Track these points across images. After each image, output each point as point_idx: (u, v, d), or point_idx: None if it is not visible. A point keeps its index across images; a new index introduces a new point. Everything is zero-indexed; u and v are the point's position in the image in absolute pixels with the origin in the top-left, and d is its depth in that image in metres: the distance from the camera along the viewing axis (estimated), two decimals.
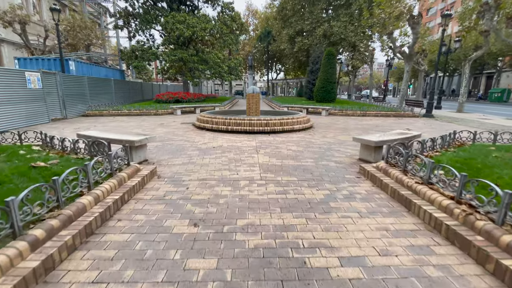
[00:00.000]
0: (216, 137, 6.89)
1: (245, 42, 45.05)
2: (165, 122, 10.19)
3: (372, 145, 4.31)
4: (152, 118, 11.63)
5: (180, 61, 17.75)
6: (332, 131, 8.26)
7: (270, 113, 10.88)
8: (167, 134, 7.45)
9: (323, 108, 13.44)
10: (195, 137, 6.86)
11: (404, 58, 16.58)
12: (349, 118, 12.38)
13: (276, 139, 6.66)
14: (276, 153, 5.22)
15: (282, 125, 7.75)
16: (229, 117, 7.83)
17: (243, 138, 6.84)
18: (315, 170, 4.15)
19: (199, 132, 7.81)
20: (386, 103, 19.31)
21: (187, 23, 16.92)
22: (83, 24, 21.63)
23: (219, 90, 53.41)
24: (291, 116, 8.16)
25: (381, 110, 13.39)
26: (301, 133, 7.66)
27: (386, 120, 11.50)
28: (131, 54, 18.14)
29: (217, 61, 18.58)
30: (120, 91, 17.65)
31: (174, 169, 4.16)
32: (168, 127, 8.91)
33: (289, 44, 31.11)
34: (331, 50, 16.98)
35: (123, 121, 10.74)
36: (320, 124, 9.76)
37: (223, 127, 7.67)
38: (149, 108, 13.22)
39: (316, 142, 6.41)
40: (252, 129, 7.48)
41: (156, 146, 5.84)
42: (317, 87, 17.29)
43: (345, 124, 10.08)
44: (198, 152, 5.26)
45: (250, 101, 8.97)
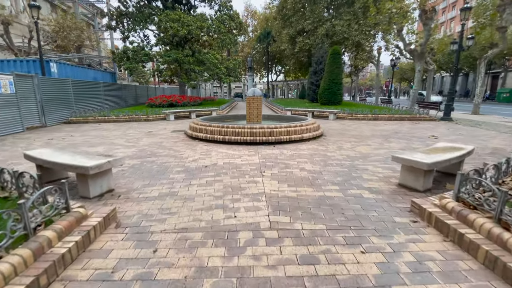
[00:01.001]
0: (210, 151, 5.66)
1: (244, 43, 44.04)
2: (154, 130, 8.97)
3: (424, 168, 3.08)
4: (141, 125, 10.42)
5: (175, 62, 16.57)
6: (347, 139, 7.03)
7: (273, 118, 9.68)
8: (151, 146, 6.23)
9: (331, 112, 12.23)
10: (185, 151, 5.63)
11: (414, 57, 15.43)
12: (360, 122, 11.17)
13: (284, 153, 5.43)
14: (287, 175, 3.99)
15: (289, 134, 6.53)
16: (226, 125, 6.61)
17: (243, 151, 5.61)
18: (346, 206, 2.92)
19: (191, 143, 6.58)
20: (394, 105, 18.13)
21: (182, 21, 15.77)
22: (73, 24, 20.51)
23: (218, 92, 52.29)
24: (299, 123, 6.95)
25: (395, 113, 12.19)
26: (312, 143, 6.44)
27: (402, 125, 10.29)
28: (123, 55, 16.97)
29: (214, 62, 17.41)
30: (110, 95, 16.45)
31: (145, 206, 2.93)
32: (155, 136, 7.69)
33: (290, 44, 29.99)
34: (336, 48, 15.82)
35: (108, 129, 9.52)
36: (331, 131, 8.54)
37: (219, 137, 6.45)
38: (139, 114, 12.01)
39: (334, 156, 5.18)
40: (254, 139, 6.26)
41: (132, 165, 4.61)
42: (321, 88, 16.11)
43: (358, 130, 8.87)
44: (185, 175, 4.03)
45: (251, 105, 7.77)
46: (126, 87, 19.54)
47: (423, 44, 14.43)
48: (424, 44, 14.41)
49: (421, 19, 13.97)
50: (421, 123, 10.92)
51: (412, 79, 53.64)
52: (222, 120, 9.37)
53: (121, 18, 18.35)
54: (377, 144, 6.40)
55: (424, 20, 13.72)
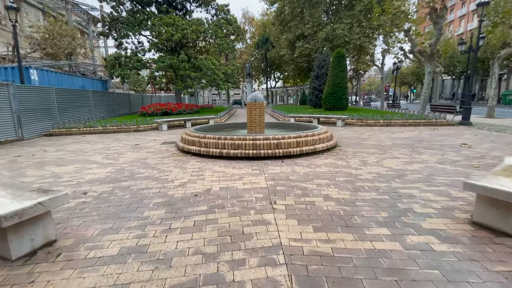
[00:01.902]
0: (203, 169, 4.54)
1: (242, 50, 43.44)
2: (142, 142, 7.86)
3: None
4: (130, 137, 9.31)
5: (170, 68, 15.62)
6: (367, 150, 5.94)
7: (277, 127, 8.60)
8: (133, 164, 5.10)
9: (338, 118, 11.18)
10: (172, 171, 4.50)
11: (424, 58, 14.51)
12: (372, 129, 10.11)
13: (296, 171, 4.32)
14: (308, 208, 2.86)
15: (299, 146, 5.43)
16: (223, 136, 5.52)
17: (245, 169, 4.50)
18: (417, 274, 1.79)
19: (181, 158, 5.46)
20: (402, 109, 17.14)
21: (176, 25, 14.90)
22: (63, 31, 19.67)
23: (217, 100, 51.47)
24: (310, 132, 5.86)
25: (408, 118, 11.14)
26: (327, 157, 5.33)
27: (421, 131, 9.22)
28: (114, 62, 16.01)
29: (211, 68, 16.45)
30: (101, 104, 15.41)
31: (90, 281, 1.79)
32: (142, 150, 6.57)
33: (289, 49, 29.27)
34: (340, 51, 14.91)
35: (91, 141, 8.41)
36: (345, 140, 7.45)
37: (216, 151, 5.35)
38: (128, 124, 10.92)
39: (361, 175, 4.07)
40: (257, 153, 5.15)
41: (99, 194, 3.48)
42: (326, 93, 15.12)
43: (375, 138, 7.78)
44: (165, 210, 2.90)
45: (252, 113, 6.69)
46: (119, 95, 18.52)
47: (434, 44, 13.53)
48: (435, 44, 13.51)
49: (431, 18, 13.11)
50: (440, 129, 9.86)
51: (412, 83, 53.12)
52: (220, 129, 8.29)
53: (114, 23, 17.49)
54: (406, 157, 5.30)
55: (435, 18, 12.85)
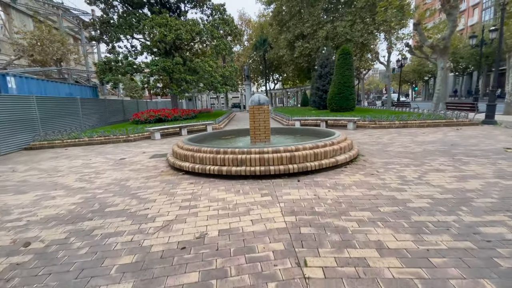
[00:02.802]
0: (197, 197, 3.47)
1: (239, 52, 42.57)
2: (129, 156, 6.79)
3: None
4: (117, 148, 8.25)
5: (164, 71, 14.61)
6: (399, 161, 4.87)
7: (283, 132, 7.54)
8: (109, 189, 4.03)
9: (349, 120, 10.13)
10: (155, 201, 3.43)
11: (436, 53, 13.50)
12: (387, 131, 9.06)
13: (321, 196, 3.25)
14: (361, 274, 1.80)
15: (318, 159, 4.37)
16: (223, 149, 4.45)
17: (252, 194, 3.43)
18: None
19: (171, 179, 4.39)
20: (413, 108, 16.12)
21: (169, 25, 13.92)
22: (52, 37, 18.72)
23: (215, 103, 50.52)
24: (329, 140, 4.79)
25: (427, 118, 10.10)
26: (353, 171, 4.26)
27: (445, 133, 8.17)
28: (104, 67, 15.01)
29: (208, 70, 15.44)
30: (91, 112, 14.39)
31: None
32: (125, 167, 5.50)
33: (288, 50, 28.33)
34: (346, 48, 13.92)
35: (72, 156, 7.35)
36: (364, 147, 6.38)
37: (214, 169, 4.28)
38: (118, 133, 9.87)
39: (410, 200, 2.99)
40: (267, 170, 4.09)
41: (44, 248, 2.40)
42: (331, 93, 14.10)
43: (398, 143, 6.72)
44: (133, 284, 1.83)
45: (256, 118, 5.65)
46: (111, 102, 17.49)
47: (447, 37, 12.54)
48: (448, 37, 12.51)
49: (443, 9, 12.13)
50: (464, 129, 8.81)
51: (413, 81, 52.22)
52: (219, 137, 7.24)
53: (104, 26, 16.52)
54: (452, 168, 4.24)
55: (448, 9, 11.87)
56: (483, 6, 41.91)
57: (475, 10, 45.31)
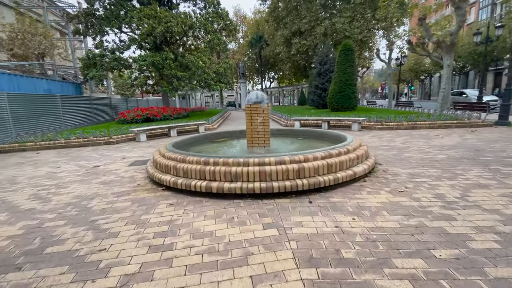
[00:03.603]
0: (175, 229, 2.56)
1: (234, 50, 41.51)
2: (105, 162, 5.83)
3: None
4: (95, 152, 7.26)
5: (153, 66, 13.58)
6: (424, 171, 4.05)
7: (283, 135, 6.66)
8: (63, 214, 3.09)
9: (354, 120, 9.32)
10: (119, 232, 2.52)
11: (442, 50, 12.80)
12: (396, 133, 8.29)
13: (344, 227, 2.39)
14: None
15: (332, 171, 3.50)
16: (213, 159, 3.54)
17: (251, 224, 2.54)
18: None
19: (146, 198, 3.47)
20: (416, 107, 15.45)
21: (159, 17, 12.90)
22: (33, 30, 17.47)
23: (210, 102, 49.39)
24: (343, 147, 3.93)
25: (437, 119, 9.36)
26: (375, 187, 3.41)
27: (461, 135, 7.42)
28: (88, 62, 13.89)
29: (201, 66, 14.47)
30: (73, 111, 13.29)
31: None
32: (96, 178, 4.56)
33: (285, 46, 27.47)
34: (347, 43, 13.11)
35: (40, 161, 6.35)
36: (379, 153, 5.55)
37: (201, 185, 3.37)
38: (99, 135, 8.86)
39: (470, 237, 2.16)
40: (269, 186, 3.20)
41: None
42: (332, 91, 13.28)
43: (413, 147, 5.92)
44: None
45: (253, 118, 4.77)
46: (97, 100, 16.36)
47: (455, 32, 11.83)
48: (456, 32, 11.81)
49: (452, 2, 11.41)
50: (479, 131, 8.10)
51: (409, 81, 51.96)
52: (212, 140, 6.33)
53: (89, 18, 15.35)
54: (496, 183, 3.43)
55: (457, 2, 11.15)
56: (480, 5, 41.69)
57: (472, 9, 45.06)
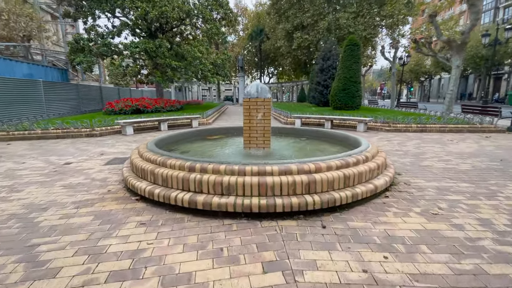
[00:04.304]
0: (141, 266, 1.84)
1: (234, 43, 40.40)
2: (80, 159, 5.06)
3: None
4: (72, 146, 6.46)
5: (145, 54, 12.67)
6: (454, 185, 3.39)
7: (282, 133, 5.94)
8: (0, 230, 2.37)
9: (360, 120, 8.65)
10: (61, 269, 1.79)
11: (452, 50, 12.17)
12: (406, 136, 7.65)
13: (375, 268, 1.70)
14: None
15: (349, 184, 2.80)
16: (200, 164, 2.80)
17: (243, 260, 1.84)
18: None
19: (114, 210, 2.73)
20: (420, 109, 14.86)
21: (154, 0, 11.96)
22: (19, 10, 16.33)
23: (207, 96, 48.29)
24: (360, 154, 3.21)
25: (448, 122, 8.74)
26: (403, 208, 2.73)
27: (477, 141, 6.81)
28: (75, 47, 12.91)
29: (197, 56, 13.60)
30: (58, 99, 12.37)
31: None
32: (61, 179, 3.80)
33: (286, 41, 26.59)
34: (353, 38, 12.38)
35: (6, 155, 5.54)
36: (394, 159, 4.88)
37: (184, 197, 2.63)
38: (80, 126, 8.03)
39: None
40: (269, 204, 2.48)
41: None
42: (335, 89, 12.58)
43: (429, 153, 5.27)
44: None
45: (252, 115, 4.04)
46: (86, 88, 15.39)
47: (467, 31, 11.18)
48: (469, 31, 11.16)
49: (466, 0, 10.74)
50: (494, 137, 7.50)
51: (409, 81, 51.53)
52: (204, 138, 5.60)
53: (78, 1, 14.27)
54: None
55: (472, 0, 10.48)
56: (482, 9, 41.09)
57: None
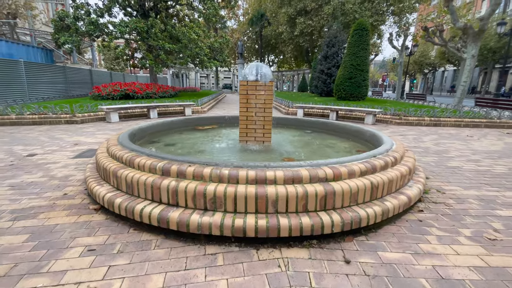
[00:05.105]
0: None
1: (233, 28, 38.80)
2: (47, 150, 4.31)
3: None
4: (48, 133, 5.69)
5: (137, 34, 11.68)
6: (498, 194, 2.72)
7: (284, 125, 5.20)
8: None
9: (369, 112, 7.89)
10: None
11: (468, 38, 11.27)
12: (419, 129, 6.94)
13: None
14: None
15: (376, 195, 2.10)
16: (177, 165, 2.07)
17: None
18: None
19: (63, 225, 2.00)
20: (429, 101, 14.11)
21: None
22: None
23: (205, 83, 47.00)
24: (389, 156, 2.52)
25: (464, 116, 8.03)
26: (446, 228, 2.04)
27: (499, 138, 6.12)
28: (60, 25, 11.86)
29: (193, 38, 12.60)
30: (42, 81, 11.45)
31: None
32: (14, 176, 3.06)
33: (288, 26, 25.33)
34: (362, 22, 11.42)
35: None
36: (418, 160, 4.19)
37: (152, 212, 1.92)
38: (59, 111, 7.23)
39: None
40: (271, 226, 1.78)
41: None
42: (340, 77, 11.74)
43: (454, 150, 4.58)
44: None
45: (250, 101, 3.29)
46: (75, 71, 14.41)
47: (486, 17, 10.27)
48: (488, 17, 10.25)
49: None
50: None
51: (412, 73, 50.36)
52: (194, 127, 4.85)
53: None
54: None
55: None
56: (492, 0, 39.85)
57: (484, 2, 43.05)
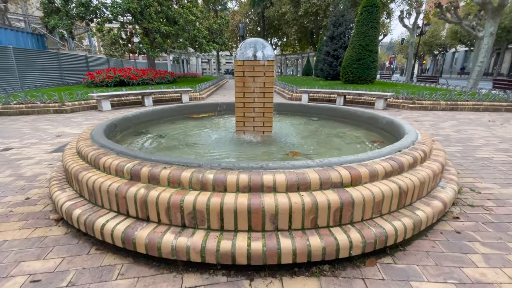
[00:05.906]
0: None
1: (234, 10, 37.18)
2: (22, 145, 3.92)
3: None
4: (34, 123, 5.29)
5: (131, 16, 10.98)
6: None
7: (287, 112, 4.70)
8: None
9: (380, 96, 7.29)
10: None
11: (487, 14, 10.33)
12: (434, 114, 6.38)
13: None
14: None
15: (403, 203, 1.66)
16: (149, 166, 1.64)
17: None
18: None
19: (12, 243, 1.61)
20: (442, 84, 13.30)
21: None
22: None
23: (207, 69, 45.91)
24: (417, 150, 2.05)
25: (483, 99, 7.38)
26: (496, 246, 1.59)
27: None
28: (50, 8, 11.18)
29: (191, 20, 11.84)
30: (34, 68, 10.96)
31: None
32: None
33: (292, 6, 24.06)
34: None
35: None
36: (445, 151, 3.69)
37: (115, 230, 1.51)
38: (47, 100, 6.80)
39: None
40: (269, 250, 1.34)
41: None
42: (348, 59, 10.99)
43: (478, 138, 4.06)
44: None
45: (247, 85, 2.79)
46: (69, 57, 13.83)
47: None
48: None
49: None
50: None
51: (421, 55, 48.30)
52: (187, 116, 4.39)
53: None
54: None
55: None
56: None
57: None
